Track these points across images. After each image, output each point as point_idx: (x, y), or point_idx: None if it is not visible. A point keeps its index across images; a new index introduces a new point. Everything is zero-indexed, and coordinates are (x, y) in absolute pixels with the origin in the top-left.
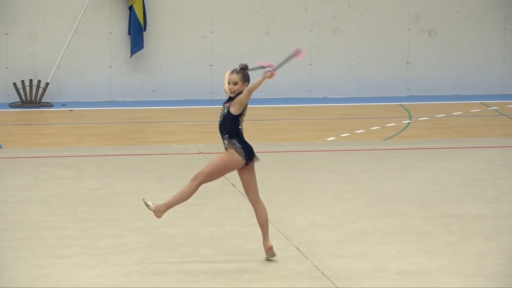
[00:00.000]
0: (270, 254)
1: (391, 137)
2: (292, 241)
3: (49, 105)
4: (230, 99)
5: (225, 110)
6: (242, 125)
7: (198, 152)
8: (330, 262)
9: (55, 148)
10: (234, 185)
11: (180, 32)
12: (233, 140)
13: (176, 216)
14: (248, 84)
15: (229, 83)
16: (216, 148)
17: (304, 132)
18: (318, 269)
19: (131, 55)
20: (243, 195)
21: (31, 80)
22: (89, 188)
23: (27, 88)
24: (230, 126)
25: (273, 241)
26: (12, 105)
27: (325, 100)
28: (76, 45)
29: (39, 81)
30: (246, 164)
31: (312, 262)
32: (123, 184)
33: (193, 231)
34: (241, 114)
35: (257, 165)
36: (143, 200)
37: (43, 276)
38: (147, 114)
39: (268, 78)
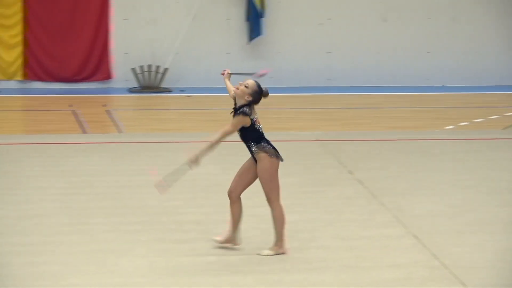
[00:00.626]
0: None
1: (510, 126)
2: (411, 230)
3: (167, 90)
4: (235, 110)
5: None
6: (260, 127)
7: (315, 139)
8: (449, 251)
9: (173, 134)
10: (352, 173)
11: (297, 18)
12: (261, 144)
13: (294, 203)
14: (249, 95)
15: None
16: (332, 135)
17: (422, 120)
18: (437, 258)
19: (249, 42)
20: (361, 183)
21: (149, 66)
22: (208, 173)
23: (146, 74)
24: (252, 134)
25: (391, 230)
26: (131, 90)
27: (443, 88)
28: (194, 31)
29: (157, 67)
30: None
31: (430, 251)
32: None
33: (311, 218)
34: (254, 121)
35: (376, 152)
36: (259, 254)
37: (161, 261)
38: (265, 101)
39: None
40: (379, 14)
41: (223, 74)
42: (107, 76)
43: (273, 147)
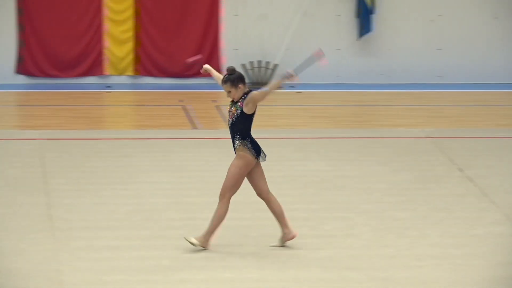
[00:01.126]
0: (283, 242)
1: None
2: None
3: None
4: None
5: (238, 111)
6: (252, 124)
7: (425, 136)
8: None
9: (283, 130)
10: (462, 170)
11: (408, 15)
12: (245, 141)
13: (404, 200)
14: (242, 85)
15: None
16: (442, 132)
17: None
18: None
19: (359, 38)
20: (471, 180)
21: (259, 62)
22: (317, 170)
23: (256, 70)
24: (244, 126)
25: (502, 228)
26: None
27: None
28: (304, 26)
29: (267, 63)
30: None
31: None
32: (349, 166)
33: (421, 216)
34: (254, 113)
35: (487, 150)
36: (185, 238)
37: (271, 256)
38: (374, 97)
39: (286, 81)
40: (490, 11)
41: (291, 75)
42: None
43: (255, 146)
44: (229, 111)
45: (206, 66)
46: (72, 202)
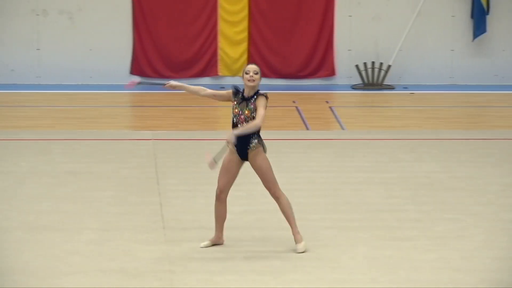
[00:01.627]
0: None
1: None
2: None
3: (390, 87)
4: (245, 99)
5: (253, 114)
6: None
7: None
8: None
9: (396, 131)
10: None
11: None
12: (260, 138)
13: None
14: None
15: (248, 73)
16: None
17: None
18: None
19: (473, 39)
20: None
21: (373, 63)
22: (429, 171)
23: (369, 71)
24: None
25: None
26: (354, 87)
27: None
28: (418, 27)
29: (381, 64)
30: None
31: None
32: (461, 168)
33: None
34: None
35: None
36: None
37: (383, 258)
38: (488, 98)
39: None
40: None
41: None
42: (331, 73)
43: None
44: (239, 114)
45: (172, 82)
46: (184, 203)
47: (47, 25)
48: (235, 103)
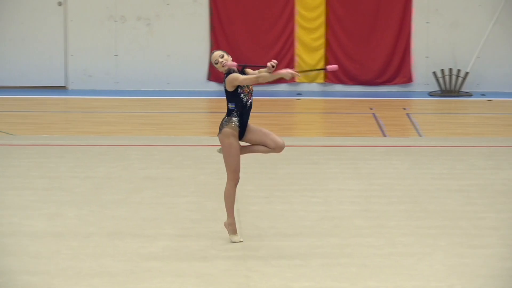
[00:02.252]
0: None
1: None
2: None
3: (468, 94)
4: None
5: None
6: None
7: None
8: None
9: (473, 138)
10: None
11: None
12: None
13: None
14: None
15: (217, 63)
16: None
17: None
18: None
19: None
20: None
21: (450, 69)
22: (507, 178)
23: (447, 77)
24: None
25: None
26: (431, 94)
27: None
28: (496, 34)
29: (458, 71)
30: None
31: None
32: None
33: None
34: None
35: None
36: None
37: (461, 266)
38: None
39: (287, 78)
40: None
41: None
42: (408, 80)
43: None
44: (248, 92)
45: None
46: (261, 209)
47: (125, 31)
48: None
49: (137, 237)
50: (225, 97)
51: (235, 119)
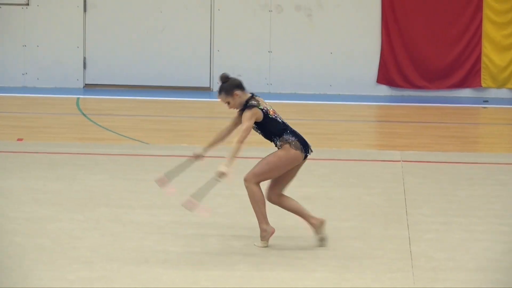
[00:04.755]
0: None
1: None
2: None
3: None
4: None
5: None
6: (279, 118)
7: None
8: None
9: None
10: None
11: None
12: (284, 136)
13: None
14: (239, 91)
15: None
16: None
17: None
18: None
19: None
20: None
21: None
22: None
23: None
24: (271, 128)
25: None
26: None
27: None
28: None
29: None
30: None
31: None
32: None
33: None
34: (266, 112)
35: None
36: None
37: None
38: None
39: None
40: None
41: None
42: None
43: (302, 139)
44: (275, 112)
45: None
46: (437, 237)
47: (281, 23)
48: (264, 109)
49: (299, 260)
50: (396, 104)
51: (290, 138)
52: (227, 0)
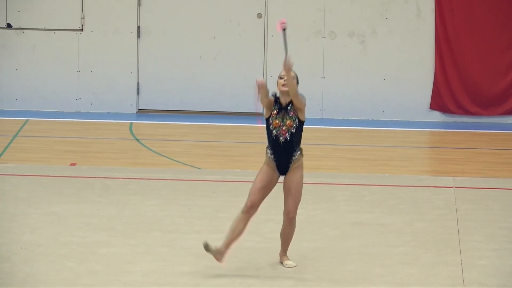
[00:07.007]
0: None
1: None
2: None
3: None
4: (282, 108)
5: (297, 121)
6: None
7: None
8: None
9: None
10: None
11: None
12: (301, 149)
13: None
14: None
15: (282, 77)
16: None
17: None
18: None
19: None
20: None
21: None
22: None
23: None
24: (300, 136)
25: None
26: None
27: None
28: None
29: None
30: None
31: None
32: None
33: None
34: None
35: None
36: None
37: None
38: None
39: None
40: None
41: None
42: None
43: None
44: (280, 126)
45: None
46: (490, 263)
47: (334, 50)
48: (275, 112)
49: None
50: (449, 130)
51: (268, 151)
52: None
